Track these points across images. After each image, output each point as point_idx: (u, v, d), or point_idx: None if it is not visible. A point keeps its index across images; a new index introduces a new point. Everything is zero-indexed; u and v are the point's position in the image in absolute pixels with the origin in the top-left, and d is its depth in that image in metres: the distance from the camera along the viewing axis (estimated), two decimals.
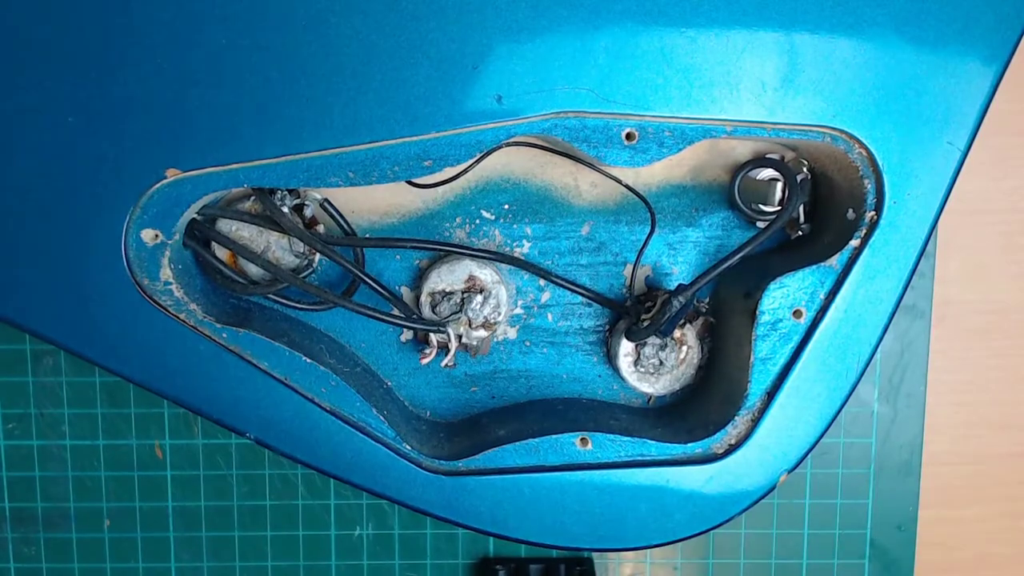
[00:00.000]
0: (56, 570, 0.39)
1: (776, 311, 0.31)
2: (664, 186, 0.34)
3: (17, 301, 0.29)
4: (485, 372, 0.35)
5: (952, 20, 0.29)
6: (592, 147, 0.29)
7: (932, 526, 0.40)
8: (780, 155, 0.33)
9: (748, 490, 0.32)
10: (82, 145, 0.28)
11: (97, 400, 0.38)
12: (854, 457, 0.39)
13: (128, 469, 0.38)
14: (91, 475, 0.38)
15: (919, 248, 0.30)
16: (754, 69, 0.29)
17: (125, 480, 0.38)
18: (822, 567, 0.39)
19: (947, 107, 0.29)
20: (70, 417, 0.38)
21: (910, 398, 0.38)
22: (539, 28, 0.28)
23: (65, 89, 0.27)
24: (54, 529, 0.38)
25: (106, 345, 0.30)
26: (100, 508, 0.38)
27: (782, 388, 0.31)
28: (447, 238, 0.34)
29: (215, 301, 0.31)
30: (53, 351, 0.37)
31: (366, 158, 0.28)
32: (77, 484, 0.38)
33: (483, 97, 0.28)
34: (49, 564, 0.39)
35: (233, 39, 0.27)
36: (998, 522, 0.40)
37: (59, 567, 0.39)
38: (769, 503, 0.39)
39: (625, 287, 0.35)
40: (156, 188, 0.28)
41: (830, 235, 0.32)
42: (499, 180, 0.34)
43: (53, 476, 0.38)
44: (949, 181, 0.30)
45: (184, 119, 0.28)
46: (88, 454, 0.38)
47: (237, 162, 0.28)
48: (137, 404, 0.38)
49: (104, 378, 0.38)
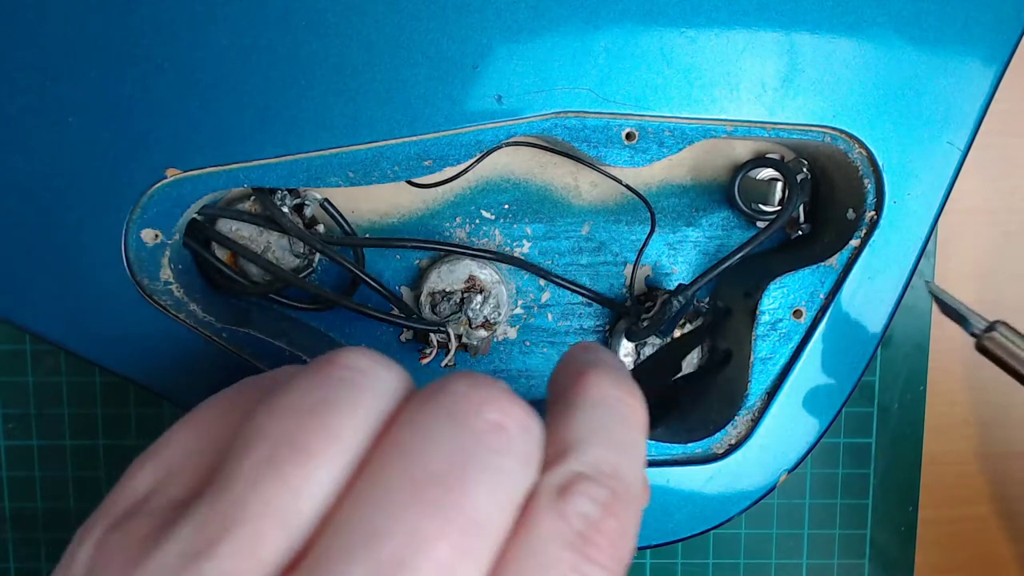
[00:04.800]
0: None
1: (776, 311, 0.31)
2: (664, 186, 0.34)
3: (17, 301, 0.29)
4: (485, 372, 0.35)
5: (952, 20, 0.29)
6: (592, 147, 0.29)
7: (932, 526, 0.40)
8: (780, 155, 0.33)
9: (748, 490, 0.32)
10: (82, 145, 0.27)
11: (97, 400, 0.38)
12: (854, 457, 0.39)
13: None
14: (91, 475, 0.38)
15: (919, 248, 0.30)
16: (754, 69, 0.29)
17: None
18: (822, 567, 0.39)
19: (947, 107, 0.29)
20: (70, 417, 0.38)
21: (910, 398, 0.38)
22: (539, 28, 0.28)
23: (65, 89, 0.27)
24: (54, 529, 0.38)
25: (106, 345, 0.30)
26: None
27: (782, 388, 0.31)
28: (447, 238, 0.34)
29: (215, 301, 0.31)
30: (53, 351, 0.37)
31: (366, 158, 0.28)
32: (77, 484, 0.38)
33: (483, 97, 0.28)
34: (49, 564, 0.39)
35: (233, 39, 0.27)
36: (998, 522, 0.40)
37: None
38: (769, 503, 0.39)
39: (625, 287, 0.35)
40: (156, 188, 0.28)
41: (830, 235, 0.32)
42: (499, 180, 0.34)
43: (53, 476, 0.38)
44: (949, 181, 0.30)
45: (184, 119, 0.27)
46: (88, 454, 0.38)
47: (237, 162, 0.28)
48: (137, 404, 0.38)
49: (104, 378, 0.38)
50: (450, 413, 0.15)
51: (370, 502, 0.14)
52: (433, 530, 0.14)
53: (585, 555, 0.15)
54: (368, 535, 0.14)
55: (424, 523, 0.14)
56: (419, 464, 0.14)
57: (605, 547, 0.15)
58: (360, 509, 0.14)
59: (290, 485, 0.14)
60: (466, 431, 0.15)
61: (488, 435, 0.15)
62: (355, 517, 0.14)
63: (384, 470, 0.14)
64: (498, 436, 0.15)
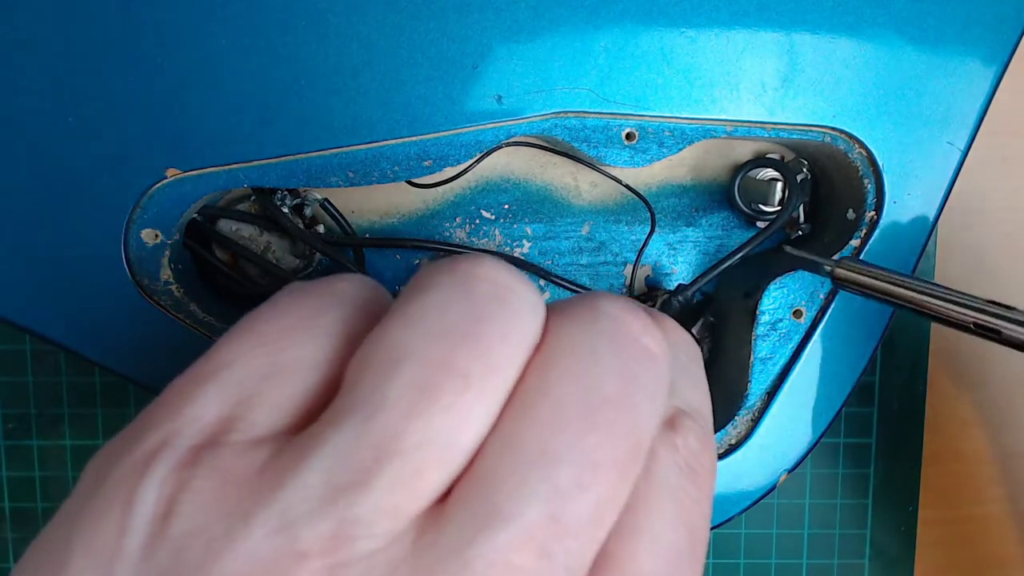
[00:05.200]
0: None
1: (776, 311, 0.31)
2: (664, 186, 0.34)
3: (17, 301, 0.29)
4: None
5: (952, 20, 0.29)
6: (592, 147, 0.29)
7: (932, 526, 0.40)
8: (780, 155, 0.33)
9: (748, 490, 0.32)
10: (82, 145, 0.27)
11: (97, 400, 0.38)
12: (854, 457, 0.39)
13: None
14: None
15: (919, 248, 0.30)
16: (754, 69, 0.29)
17: None
18: (822, 567, 0.39)
19: (947, 107, 0.29)
20: (70, 417, 0.38)
21: (910, 398, 0.38)
22: (539, 28, 0.28)
23: (65, 89, 0.27)
24: None
25: (106, 345, 0.30)
26: None
27: (782, 388, 0.31)
28: (447, 238, 0.34)
29: (215, 301, 0.31)
30: (53, 351, 0.37)
31: (366, 158, 0.28)
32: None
33: (483, 97, 0.28)
34: None
35: (233, 39, 0.27)
36: (998, 522, 0.40)
37: None
38: (769, 503, 0.39)
39: (625, 287, 0.35)
40: (156, 188, 0.28)
41: (830, 235, 0.32)
42: (499, 180, 0.34)
43: (53, 476, 0.38)
44: (949, 181, 0.30)
45: (184, 119, 0.27)
46: (88, 454, 0.38)
47: (237, 162, 0.28)
48: (137, 404, 0.38)
49: (104, 378, 0.38)
50: (610, 335, 0.15)
51: (543, 424, 0.13)
52: (609, 453, 0.13)
53: (696, 483, 0.15)
54: (545, 459, 0.13)
55: (605, 445, 0.13)
56: (593, 386, 0.14)
57: (707, 477, 0.16)
58: (532, 432, 0.13)
59: (451, 414, 0.13)
60: (627, 356, 0.15)
61: (645, 361, 0.15)
62: (528, 441, 0.13)
63: (552, 393, 0.14)
64: (652, 363, 0.15)
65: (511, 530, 0.13)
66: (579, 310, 0.15)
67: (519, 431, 0.13)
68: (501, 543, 0.12)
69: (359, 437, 0.13)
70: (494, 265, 0.15)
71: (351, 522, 0.12)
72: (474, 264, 0.15)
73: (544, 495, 0.13)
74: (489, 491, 0.13)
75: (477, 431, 0.13)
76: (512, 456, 0.13)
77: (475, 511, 0.13)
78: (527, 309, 0.15)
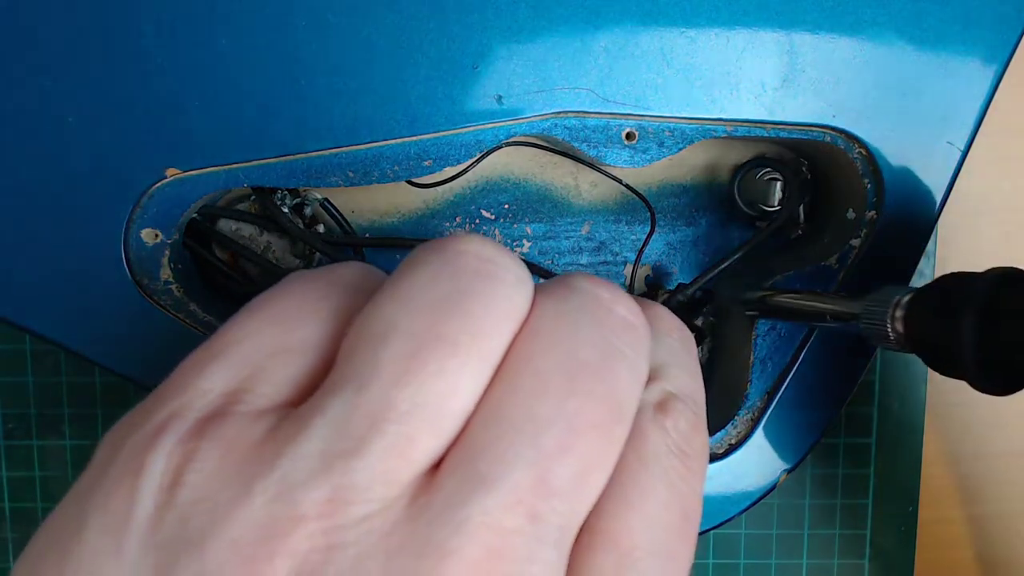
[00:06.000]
0: None
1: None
2: (664, 186, 0.34)
3: (17, 301, 0.29)
4: None
5: (952, 20, 0.29)
6: (592, 147, 0.29)
7: (932, 526, 0.40)
8: (780, 155, 0.33)
9: (748, 490, 0.32)
10: (82, 145, 0.28)
11: (97, 400, 0.38)
12: (854, 457, 0.39)
13: None
14: None
15: (919, 248, 0.30)
16: (754, 69, 0.29)
17: None
18: (822, 567, 0.39)
19: (947, 107, 0.29)
20: (70, 417, 0.38)
21: (910, 398, 0.38)
22: (539, 28, 0.28)
23: (65, 89, 0.27)
24: None
25: (106, 345, 0.30)
26: None
27: (782, 388, 0.31)
28: None
29: (215, 301, 0.31)
30: (53, 351, 0.37)
31: (366, 158, 0.28)
32: None
33: (483, 97, 0.28)
34: None
35: (233, 39, 0.27)
36: (997, 522, 0.40)
37: None
38: (769, 503, 0.39)
39: (625, 287, 0.35)
40: (156, 188, 0.28)
41: (830, 235, 0.32)
42: (499, 180, 0.34)
43: (53, 476, 0.38)
44: (949, 181, 0.30)
45: (184, 119, 0.27)
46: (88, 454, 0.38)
47: (237, 162, 0.28)
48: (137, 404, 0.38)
49: (104, 378, 0.38)
50: (585, 307, 0.15)
51: (526, 392, 0.14)
52: (591, 416, 0.14)
53: (687, 465, 0.16)
54: (530, 424, 0.14)
55: (585, 409, 0.14)
56: (571, 354, 0.14)
57: (698, 459, 0.16)
58: (517, 399, 0.14)
59: (440, 379, 0.14)
60: (604, 326, 0.15)
61: (621, 331, 0.15)
62: (513, 408, 0.14)
63: (535, 361, 0.14)
64: (629, 332, 0.15)
65: (500, 493, 0.13)
66: (556, 288, 0.16)
67: (505, 399, 0.14)
68: (491, 506, 0.13)
69: (353, 406, 0.13)
70: (480, 241, 0.15)
71: (347, 488, 0.13)
72: (460, 241, 0.15)
73: (530, 458, 0.13)
74: (477, 457, 0.13)
75: (466, 398, 0.14)
76: (498, 424, 0.14)
77: (465, 476, 0.13)
78: (512, 281, 0.15)
